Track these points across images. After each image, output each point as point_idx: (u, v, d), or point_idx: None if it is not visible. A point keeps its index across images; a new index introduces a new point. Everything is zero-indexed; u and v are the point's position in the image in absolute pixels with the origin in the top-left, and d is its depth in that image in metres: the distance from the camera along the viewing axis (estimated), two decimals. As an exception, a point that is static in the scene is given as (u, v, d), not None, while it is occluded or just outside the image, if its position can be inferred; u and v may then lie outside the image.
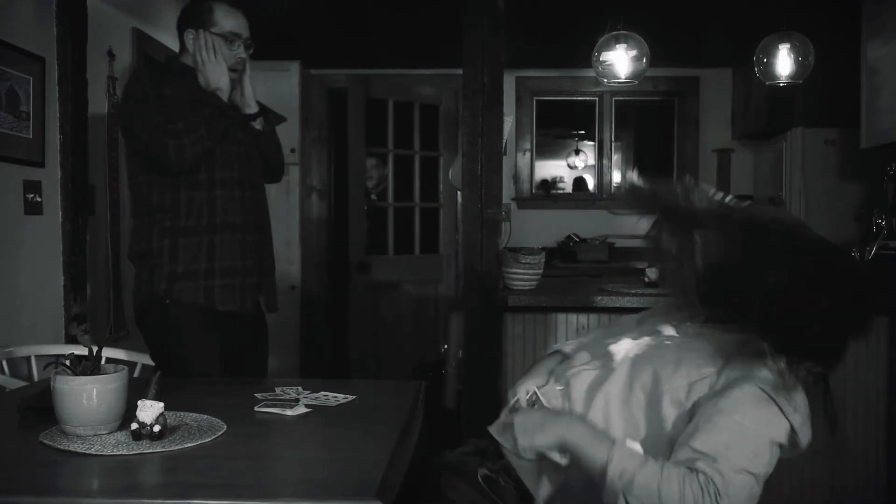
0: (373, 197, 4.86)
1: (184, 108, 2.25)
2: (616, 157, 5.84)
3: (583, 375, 1.52)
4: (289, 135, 4.60)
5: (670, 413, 1.37)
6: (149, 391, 1.42)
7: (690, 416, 1.34)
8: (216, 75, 2.32)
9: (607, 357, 1.52)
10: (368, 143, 4.74)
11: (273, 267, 2.53)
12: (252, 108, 2.44)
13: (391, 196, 4.86)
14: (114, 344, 2.85)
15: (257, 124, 2.46)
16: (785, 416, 1.30)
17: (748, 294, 1.33)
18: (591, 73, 3.61)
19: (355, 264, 4.41)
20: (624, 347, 1.51)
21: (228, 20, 2.38)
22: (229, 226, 2.34)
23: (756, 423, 1.28)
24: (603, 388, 1.46)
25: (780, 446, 1.32)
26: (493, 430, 1.55)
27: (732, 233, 1.38)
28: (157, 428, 1.39)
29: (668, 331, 1.50)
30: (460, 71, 2.99)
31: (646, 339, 1.50)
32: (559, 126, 6.67)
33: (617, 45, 3.40)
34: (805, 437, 1.34)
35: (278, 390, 1.84)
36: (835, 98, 4.17)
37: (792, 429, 1.31)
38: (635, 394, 1.42)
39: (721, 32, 4.57)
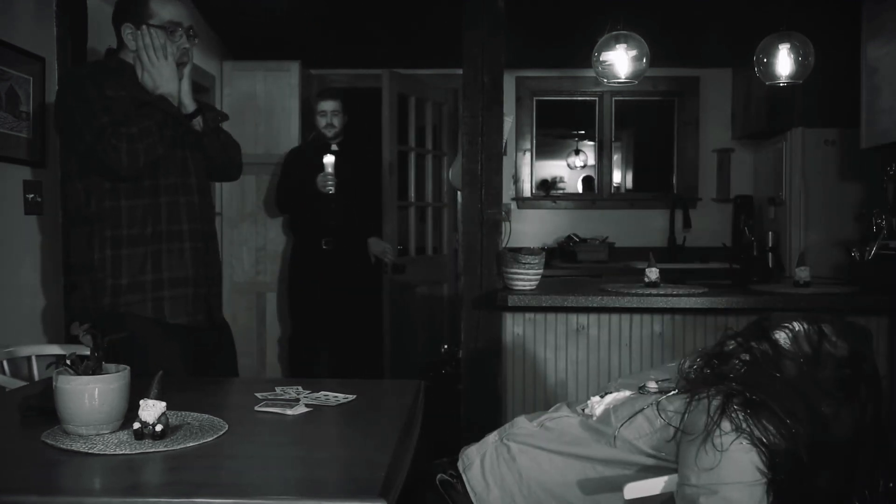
0: (334, 148, 4.27)
1: (132, 110, 2.13)
2: (616, 157, 5.84)
3: (564, 419, 1.60)
4: (289, 135, 4.61)
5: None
6: (151, 391, 1.42)
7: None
8: (164, 79, 2.18)
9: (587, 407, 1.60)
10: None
11: (220, 275, 2.43)
12: (189, 108, 2.27)
13: (412, 195, 4.80)
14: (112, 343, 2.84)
15: (196, 124, 2.29)
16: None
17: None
18: (591, 73, 3.61)
19: (390, 265, 4.36)
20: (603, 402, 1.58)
21: (166, 9, 2.23)
22: (176, 234, 2.23)
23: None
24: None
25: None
26: (460, 464, 1.62)
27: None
28: (159, 427, 1.39)
29: (651, 385, 1.56)
30: (460, 71, 2.99)
31: (626, 393, 1.57)
32: (559, 126, 6.69)
33: (617, 45, 3.39)
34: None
35: (278, 390, 1.84)
36: (835, 98, 4.17)
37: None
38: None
39: (721, 32, 4.58)
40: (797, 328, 1.38)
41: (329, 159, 4.12)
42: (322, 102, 4.35)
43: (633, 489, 1.41)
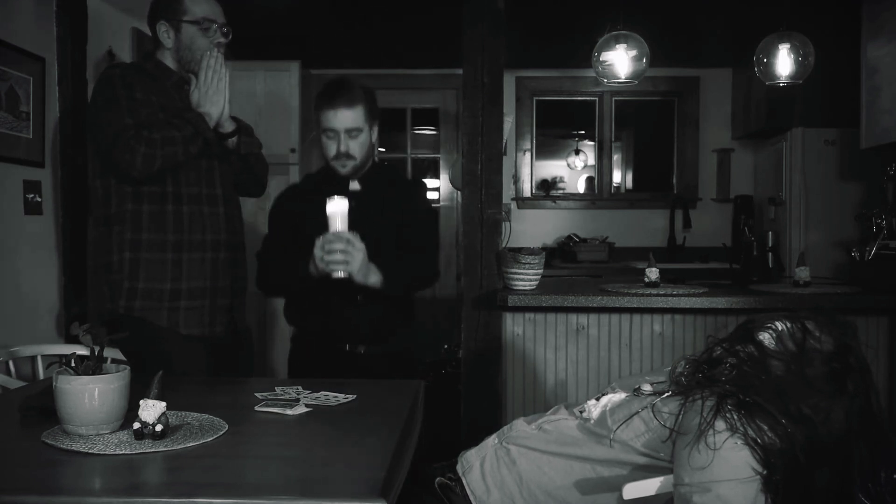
0: (354, 187, 2.48)
1: (159, 116, 2.15)
2: (616, 157, 5.84)
3: (562, 422, 1.59)
4: (289, 135, 4.61)
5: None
6: (151, 391, 1.42)
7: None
8: (210, 101, 2.20)
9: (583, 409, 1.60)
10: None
11: (245, 287, 2.42)
12: (227, 129, 2.30)
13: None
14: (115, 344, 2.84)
15: (230, 143, 2.32)
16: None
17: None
18: (591, 73, 3.61)
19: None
20: (600, 403, 1.58)
21: (200, 6, 2.25)
22: (198, 244, 2.23)
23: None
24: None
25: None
26: (459, 468, 1.62)
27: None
28: (159, 427, 1.39)
29: (646, 387, 1.55)
30: (460, 71, 2.99)
31: (622, 395, 1.56)
32: (559, 126, 6.67)
33: (617, 45, 3.39)
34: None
35: (278, 390, 1.84)
36: (835, 98, 4.18)
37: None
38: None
39: (721, 32, 4.58)
40: (780, 327, 1.37)
41: (336, 207, 2.16)
42: (328, 113, 2.34)
43: (632, 489, 1.41)
